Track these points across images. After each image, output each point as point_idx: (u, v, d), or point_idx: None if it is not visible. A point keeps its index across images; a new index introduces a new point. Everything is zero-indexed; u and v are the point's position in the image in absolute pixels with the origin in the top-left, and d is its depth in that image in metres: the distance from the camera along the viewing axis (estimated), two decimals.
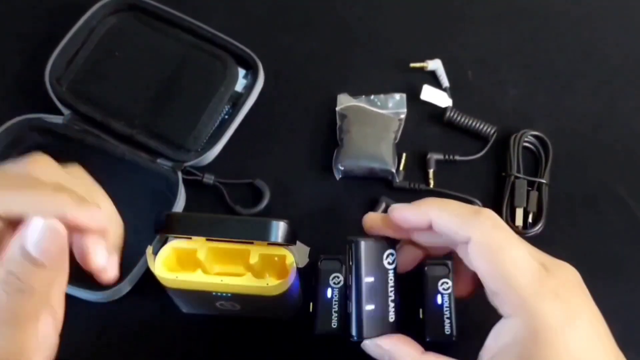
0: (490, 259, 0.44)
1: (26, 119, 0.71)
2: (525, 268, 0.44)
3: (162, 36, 0.74)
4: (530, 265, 0.45)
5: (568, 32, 0.79)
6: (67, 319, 0.65)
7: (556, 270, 0.46)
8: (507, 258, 0.44)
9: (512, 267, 0.44)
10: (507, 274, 0.44)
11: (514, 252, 0.45)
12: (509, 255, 0.44)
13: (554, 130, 0.72)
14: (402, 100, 0.74)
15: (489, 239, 0.45)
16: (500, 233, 0.45)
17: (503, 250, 0.44)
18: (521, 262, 0.44)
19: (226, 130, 0.71)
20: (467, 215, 0.46)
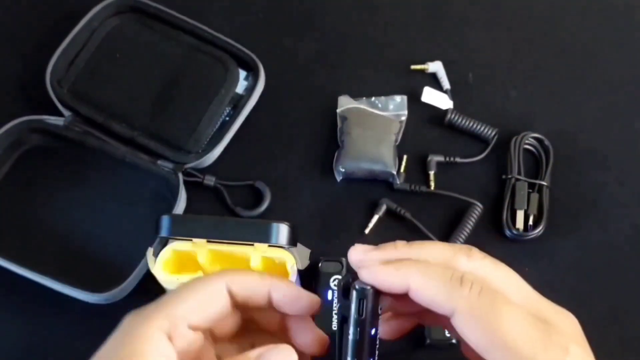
0: (481, 330, 0.40)
1: (27, 120, 0.71)
2: (525, 331, 0.40)
3: (163, 38, 0.74)
4: (529, 325, 0.40)
5: (568, 34, 0.79)
6: (67, 321, 0.65)
7: (557, 322, 0.42)
8: (502, 325, 0.39)
9: (509, 334, 0.39)
10: (506, 343, 0.39)
11: (508, 316, 0.40)
12: (504, 322, 0.40)
13: (555, 132, 0.72)
14: (403, 102, 0.73)
15: (475, 309, 0.40)
16: (487, 297, 0.40)
17: (495, 318, 0.40)
18: (518, 325, 0.40)
19: (227, 132, 0.71)
20: (450, 284, 0.41)
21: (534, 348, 0.39)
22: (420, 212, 0.69)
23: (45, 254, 0.67)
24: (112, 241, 0.68)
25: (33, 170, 0.72)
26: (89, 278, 0.65)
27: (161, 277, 0.56)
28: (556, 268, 0.67)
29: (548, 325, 0.41)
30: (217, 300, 0.43)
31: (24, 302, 0.66)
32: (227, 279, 0.44)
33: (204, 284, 0.43)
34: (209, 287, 0.43)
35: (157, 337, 0.40)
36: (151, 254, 0.57)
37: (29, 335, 0.65)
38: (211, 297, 0.43)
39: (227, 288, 0.43)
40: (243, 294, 0.44)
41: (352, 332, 0.41)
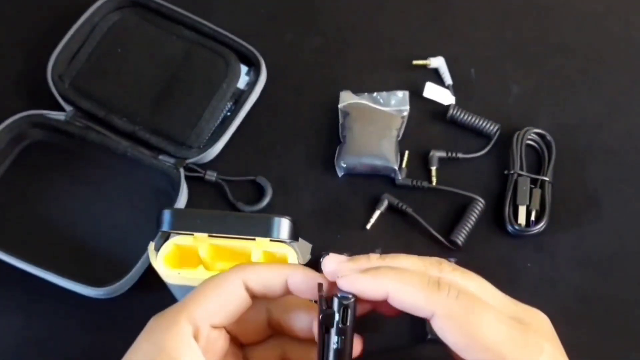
0: (461, 332, 0.41)
1: (28, 115, 0.71)
2: (503, 332, 0.41)
3: (165, 33, 0.74)
4: (507, 326, 0.42)
5: (571, 29, 0.78)
6: (68, 314, 0.65)
7: (532, 322, 0.43)
8: (481, 327, 0.41)
9: (488, 335, 0.41)
10: (486, 344, 0.41)
11: (486, 318, 0.42)
12: (483, 323, 0.41)
13: (557, 127, 0.72)
14: (405, 98, 0.73)
15: (454, 312, 0.41)
16: (465, 300, 0.42)
17: (474, 320, 0.41)
18: (497, 326, 0.41)
19: (228, 127, 0.71)
20: (428, 289, 0.42)
21: (513, 347, 0.41)
22: (422, 207, 0.69)
23: (46, 248, 0.67)
24: (114, 235, 0.68)
25: (34, 165, 0.72)
26: (91, 272, 0.65)
27: (162, 271, 0.56)
28: (558, 264, 0.67)
29: (524, 325, 0.42)
30: (235, 297, 0.44)
31: (26, 296, 0.66)
32: (243, 274, 0.44)
33: (221, 283, 0.44)
34: (227, 285, 0.44)
35: (185, 340, 0.41)
36: (152, 248, 0.57)
37: (30, 329, 0.65)
38: (230, 295, 0.44)
39: (243, 284, 0.44)
40: (260, 287, 0.45)
41: (335, 341, 0.42)
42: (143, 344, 0.43)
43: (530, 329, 0.42)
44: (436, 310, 0.41)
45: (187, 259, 0.57)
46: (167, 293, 0.60)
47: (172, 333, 0.41)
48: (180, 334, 0.41)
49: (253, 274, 0.44)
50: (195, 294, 0.44)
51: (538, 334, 0.42)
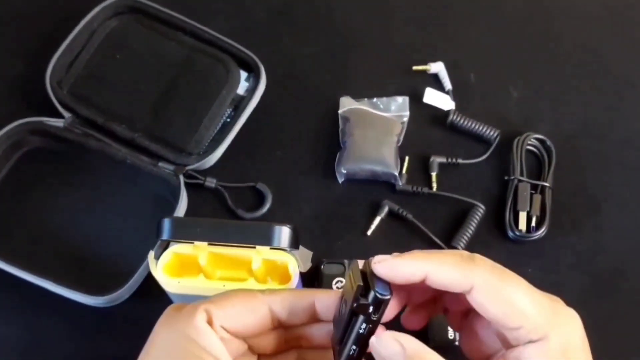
0: (499, 300, 0.43)
1: (27, 122, 0.70)
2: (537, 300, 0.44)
3: (164, 39, 0.74)
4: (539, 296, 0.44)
5: (571, 35, 0.78)
6: (68, 322, 0.65)
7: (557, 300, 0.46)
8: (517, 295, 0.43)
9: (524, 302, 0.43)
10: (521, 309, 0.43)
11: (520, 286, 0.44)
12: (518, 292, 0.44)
13: (557, 133, 0.72)
14: (405, 103, 0.73)
15: (492, 282, 0.43)
16: (500, 272, 0.44)
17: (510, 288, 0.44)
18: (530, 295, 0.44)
19: (228, 133, 0.71)
20: (464, 264, 0.44)
21: (547, 314, 0.43)
22: (423, 213, 0.69)
23: (45, 256, 0.67)
24: (113, 243, 0.68)
25: (33, 172, 0.71)
26: (90, 280, 0.65)
27: (162, 280, 0.56)
28: (559, 269, 0.67)
29: (553, 301, 0.45)
30: (257, 315, 0.45)
31: (24, 305, 0.66)
32: (270, 297, 0.45)
33: (247, 297, 0.45)
34: (251, 302, 0.45)
35: (204, 326, 0.43)
36: (152, 257, 0.57)
37: (29, 337, 0.65)
38: (251, 311, 0.45)
39: (269, 308, 0.45)
40: (285, 310, 0.45)
41: (362, 327, 0.43)
42: (164, 331, 0.44)
43: (559, 303, 0.45)
44: (474, 281, 0.43)
45: (187, 268, 0.57)
46: (166, 301, 0.60)
47: (191, 320, 0.43)
48: (199, 321, 0.43)
49: (280, 298, 0.45)
50: (219, 296, 0.45)
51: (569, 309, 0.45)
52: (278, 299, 0.45)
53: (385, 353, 0.44)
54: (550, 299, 0.45)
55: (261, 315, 0.45)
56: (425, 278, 0.44)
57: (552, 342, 0.43)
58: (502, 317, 0.43)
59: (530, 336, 0.43)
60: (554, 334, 0.43)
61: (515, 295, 0.43)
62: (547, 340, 0.43)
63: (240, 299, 0.45)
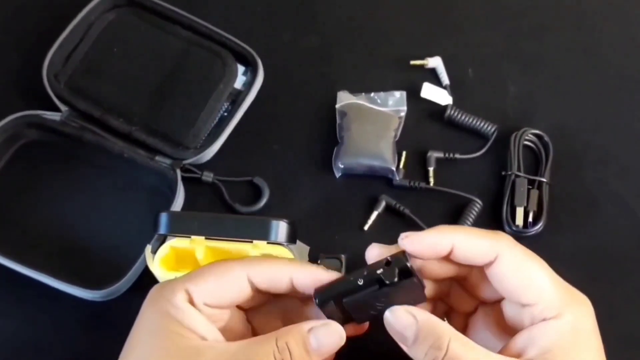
0: (521, 272, 0.45)
1: (24, 115, 0.70)
2: (556, 279, 0.46)
3: (161, 32, 0.73)
4: (557, 277, 0.47)
5: (569, 29, 0.78)
6: (64, 316, 0.65)
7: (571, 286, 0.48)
8: (538, 269, 0.46)
9: (543, 277, 0.45)
10: (540, 284, 0.45)
11: (541, 263, 0.46)
12: (540, 266, 0.46)
13: (554, 128, 0.72)
14: (402, 98, 0.73)
15: (517, 253, 0.46)
16: (523, 248, 0.46)
17: (532, 262, 0.46)
18: (549, 271, 0.46)
19: (225, 127, 0.70)
20: (491, 235, 0.46)
21: (562, 294, 0.45)
22: (420, 208, 0.68)
23: (42, 250, 0.67)
24: (110, 237, 0.68)
25: (30, 165, 0.71)
26: (87, 274, 0.65)
27: (159, 274, 0.56)
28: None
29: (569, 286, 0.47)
30: (236, 287, 0.46)
31: (21, 299, 0.66)
32: (248, 269, 0.46)
33: (223, 270, 0.46)
34: (229, 274, 0.46)
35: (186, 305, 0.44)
36: (149, 251, 0.57)
37: (25, 331, 0.65)
38: (230, 284, 0.46)
39: (247, 277, 0.46)
40: (264, 283, 0.46)
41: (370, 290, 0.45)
42: (147, 311, 0.46)
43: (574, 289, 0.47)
44: (500, 250, 0.45)
45: (184, 262, 0.57)
46: None
47: (172, 300, 0.44)
48: (181, 301, 0.44)
49: (258, 270, 0.46)
50: (196, 272, 0.46)
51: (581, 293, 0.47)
52: (257, 271, 0.46)
53: (399, 325, 0.45)
54: (566, 284, 0.47)
55: (240, 286, 0.46)
56: (452, 249, 0.46)
57: (565, 321, 0.45)
58: (521, 289, 0.45)
59: (545, 313, 0.45)
60: (568, 313, 0.45)
61: (536, 271, 0.45)
62: (561, 318, 0.45)
63: (218, 273, 0.46)
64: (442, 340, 0.43)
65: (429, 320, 0.45)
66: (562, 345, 0.44)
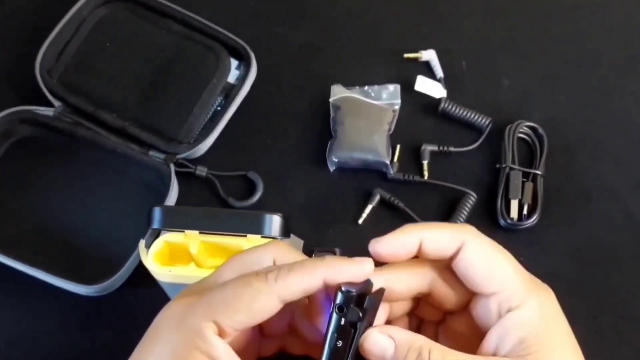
0: (486, 261, 0.45)
1: (17, 111, 0.70)
2: (519, 269, 0.46)
3: (154, 27, 0.73)
4: (521, 267, 0.46)
5: (563, 22, 0.78)
6: (58, 312, 0.65)
7: None
8: (503, 259, 0.46)
9: (508, 267, 0.45)
10: (504, 273, 0.45)
11: (506, 254, 0.46)
12: (504, 256, 0.46)
13: (549, 121, 0.72)
14: (396, 91, 0.73)
15: (482, 243, 0.46)
16: (486, 238, 0.46)
17: (497, 251, 0.46)
18: (513, 262, 0.46)
19: (219, 122, 0.70)
20: (456, 226, 0.48)
21: (526, 283, 0.45)
22: (414, 201, 0.68)
23: (35, 245, 0.67)
24: (104, 232, 0.68)
25: (23, 161, 0.71)
26: (81, 269, 0.65)
27: (153, 269, 0.56)
28: (550, 257, 0.67)
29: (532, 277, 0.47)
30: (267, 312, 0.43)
31: (15, 293, 0.65)
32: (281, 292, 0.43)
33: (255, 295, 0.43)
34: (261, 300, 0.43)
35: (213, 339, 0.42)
36: (143, 245, 0.56)
37: (19, 326, 0.65)
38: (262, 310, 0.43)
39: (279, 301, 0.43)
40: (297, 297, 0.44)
41: None
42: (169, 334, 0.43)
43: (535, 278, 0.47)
44: (464, 239, 0.45)
45: (178, 256, 0.57)
46: (158, 290, 0.60)
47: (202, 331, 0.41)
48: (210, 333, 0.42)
49: (287, 289, 0.43)
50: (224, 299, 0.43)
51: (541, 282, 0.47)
52: (289, 292, 0.43)
53: (377, 350, 0.44)
54: (528, 274, 0.46)
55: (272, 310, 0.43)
56: (421, 245, 0.46)
57: (531, 308, 0.44)
58: (486, 277, 0.45)
59: (510, 302, 0.45)
60: (532, 300, 0.45)
61: (500, 260, 0.45)
62: (527, 306, 0.45)
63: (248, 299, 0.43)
64: (423, 353, 0.43)
65: (405, 336, 0.44)
66: (535, 333, 0.44)
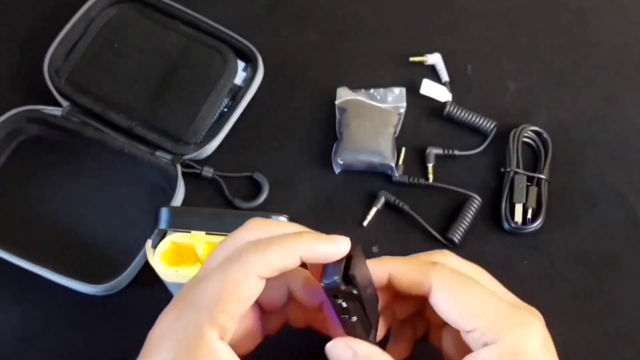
0: (454, 301, 0.46)
1: (25, 110, 0.70)
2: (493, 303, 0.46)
3: (162, 28, 0.73)
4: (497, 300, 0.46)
5: (568, 26, 0.78)
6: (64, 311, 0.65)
7: (525, 307, 0.48)
8: (471, 297, 0.46)
9: (478, 304, 0.46)
10: (474, 310, 0.45)
11: (476, 290, 0.46)
12: (473, 294, 0.46)
13: (553, 125, 0.72)
14: (402, 94, 0.73)
15: (449, 284, 0.46)
16: (459, 276, 0.47)
17: (465, 291, 0.46)
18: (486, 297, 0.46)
19: (225, 123, 0.71)
20: (425, 267, 0.47)
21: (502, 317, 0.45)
22: (419, 204, 0.69)
23: (42, 244, 0.67)
24: (110, 232, 0.68)
25: (30, 160, 0.71)
26: (87, 269, 0.65)
27: (159, 269, 0.56)
28: (555, 261, 0.67)
29: (516, 307, 0.46)
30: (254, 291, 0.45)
31: (21, 292, 0.66)
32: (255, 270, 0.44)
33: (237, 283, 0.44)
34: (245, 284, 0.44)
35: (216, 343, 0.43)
36: (150, 245, 0.57)
37: (25, 325, 0.65)
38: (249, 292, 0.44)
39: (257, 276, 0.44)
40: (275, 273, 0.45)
41: None
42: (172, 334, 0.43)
43: (523, 309, 0.47)
44: (433, 282, 0.46)
45: (185, 256, 0.57)
46: (163, 290, 0.60)
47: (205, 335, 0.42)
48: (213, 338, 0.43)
49: (265, 267, 0.44)
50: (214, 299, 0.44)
51: (531, 314, 0.46)
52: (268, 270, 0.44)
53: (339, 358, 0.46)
54: (513, 304, 0.46)
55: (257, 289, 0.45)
56: (389, 278, 0.48)
57: (504, 345, 0.44)
58: (458, 318, 0.46)
59: (483, 339, 0.45)
60: (507, 336, 0.44)
61: (471, 298, 0.46)
62: (500, 343, 0.44)
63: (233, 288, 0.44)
64: None
65: (368, 353, 0.46)
66: None
